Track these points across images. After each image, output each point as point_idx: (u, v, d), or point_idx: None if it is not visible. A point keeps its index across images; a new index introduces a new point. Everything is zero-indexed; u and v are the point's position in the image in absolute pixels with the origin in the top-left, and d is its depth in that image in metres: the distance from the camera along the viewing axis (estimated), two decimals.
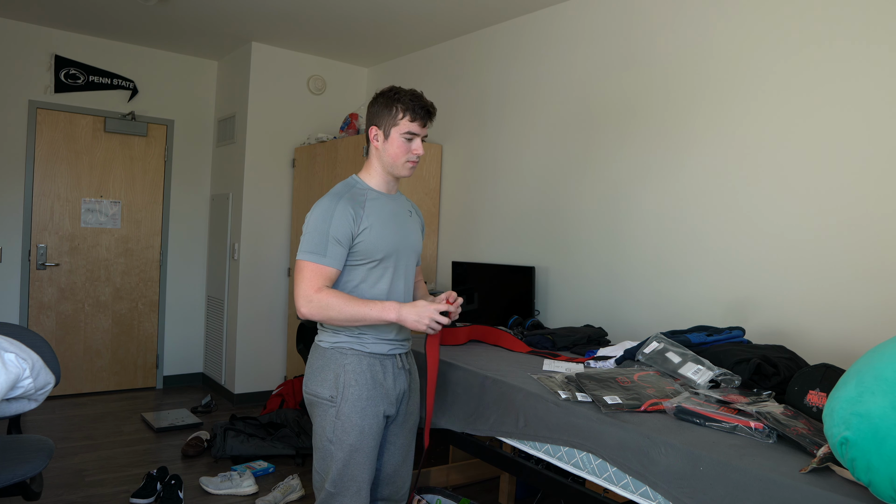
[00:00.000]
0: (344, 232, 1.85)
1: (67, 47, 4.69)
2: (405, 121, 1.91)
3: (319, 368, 1.93)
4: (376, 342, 1.94)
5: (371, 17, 4.03)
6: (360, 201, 1.91)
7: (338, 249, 1.85)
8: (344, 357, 1.91)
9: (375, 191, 1.98)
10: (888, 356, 1.27)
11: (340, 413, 1.88)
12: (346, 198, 1.89)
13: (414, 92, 1.94)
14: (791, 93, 2.53)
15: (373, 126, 1.96)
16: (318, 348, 1.97)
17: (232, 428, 3.78)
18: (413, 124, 1.91)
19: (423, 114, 1.93)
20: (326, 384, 1.90)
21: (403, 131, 1.91)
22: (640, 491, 1.64)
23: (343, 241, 1.85)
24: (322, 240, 1.84)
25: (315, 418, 1.94)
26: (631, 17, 3.17)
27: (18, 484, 2.10)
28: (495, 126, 3.93)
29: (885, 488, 1.20)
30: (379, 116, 1.94)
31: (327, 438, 1.89)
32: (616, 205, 3.19)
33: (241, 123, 4.86)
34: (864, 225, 2.30)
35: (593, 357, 2.44)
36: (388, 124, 1.92)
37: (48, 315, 4.73)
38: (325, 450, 1.90)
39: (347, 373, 1.89)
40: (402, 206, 2.05)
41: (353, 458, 1.88)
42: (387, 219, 1.95)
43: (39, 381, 1.89)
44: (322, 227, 1.85)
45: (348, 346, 1.91)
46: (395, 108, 1.91)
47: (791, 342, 2.45)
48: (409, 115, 1.91)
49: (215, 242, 5.21)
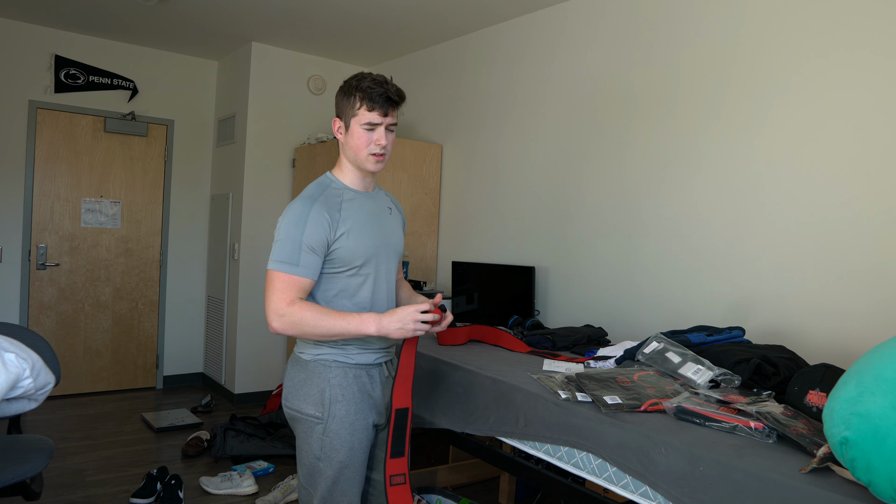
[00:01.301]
0: (318, 239, 1.72)
1: (67, 47, 4.69)
2: (363, 110, 1.75)
3: (301, 382, 1.81)
4: (361, 352, 1.83)
5: (371, 17, 4.03)
6: (336, 203, 1.78)
7: (312, 258, 1.71)
8: (328, 370, 1.79)
9: (352, 190, 1.84)
10: (888, 356, 1.27)
11: (328, 430, 1.77)
12: (321, 201, 1.75)
13: (377, 77, 1.77)
14: (796, 95, 2.53)
15: (336, 119, 1.83)
16: (299, 360, 1.83)
17: (232, 428, 3.78)
18: (372, 114, 1.75)
19: (383, 101, 1.74)
20: (310, 400, 1.78)
21: (363, 122, 1.76)
22: (640, 491, 1.64)
23: (318, 249, 1.72)
24: (294, 248, 1.70)
25: (299, 434, 1.83)
26: (634, 16, 3.16)
27: (18, 484, 2.10)
28: (495, 126, 3.93)
29: (885, 488, 1.20)
30: (340, 106, 1.81)
31: (315, 456, 1.79)
32: (616, 205, 3.19)
33: (241, 123, 4.86)
34: (864, 225, 2.30)
35: (593, 357, 2.44)
36: (349, 115, 1.78)
37: (48, 315, 4.73)
38: (312, 467, 1.80)
39: (333, 387, 1.78)
40: (380, 204, 1.92)
41: (343, 474, 1.79)
42: (365, 221, 1.82)
43: (39, 381, 1.89)
44: (294, 235, 1.70)
45: (332, 357, 1.80)
46: (353, 96, 1.76)
47: (791, 342, 2.45)
48: (366, 104, 1.75)
49: (215, 242, 5.21)
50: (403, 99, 1.82)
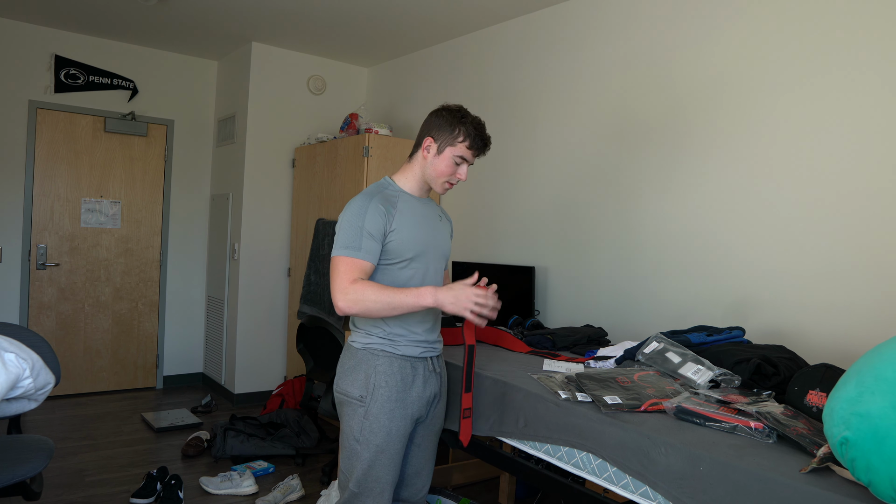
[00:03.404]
0: (377, 227, 1.87)
1: (67, 47, 4.69)
2: (463, 146, 1.95)
3: (351, 368, 1.95)
4: (408, 345, 1.96)
5: (371, 17, 4.03)
6: (393, 201, 1.94)
7: (372, 244, 1.86)
8: (375, 358, 1.93)
9: (407, 193, 2.01)
10: (888, 356, 1.27)
11: (369, 413, 1.89)
12: (379, 197, 1.92)
13: (479, 120, 1.98)
14: (794, 96, 2.53)
15: (429, 137, 1.98)
16: (350, 349, 1.99)
17: (232, 428, 3.78)
18: (469, 151, 1.96)
19: (481, 145, 1.97)
20: (357, 384, 1.92)
21: (457, 154, 1.95)
22: (640, 491, 1.64)
23: (377, 235, 1.87)
24: (356, 234, 1.85)
25: (343, 417, 1.96)
26: (639, 17, 3.16)
27: (18, 484, 2.10)
28: (497, 127, 3.93)
29: (885, 488, 1.20)
30: (439, 130, 1.96)
31: (354, 438, 1.91)
32: (616, 205, 3.19)
33: (241, 123, 4.86)
34: (865, 225, 2.30)
35: (593, 357, 2.44)
36: (446, 142, 1.95)
37: (48, 315, 4.73)
38: (351, 449, 1.92)
39: (378, 374, 1.91)
40: (432, 210, 2.08)
41: (379, 459, 1.90)
42: (418, 220, 1.98)
43: (39, 381, 1.89)
44: (356, 223, 1.86)
45: (380, 347, 1.93)
46: (458, 129, 1.94)
47: (791, 342, 2.45)
48: (468, 142, 1.95)
49: (215, 242, 5.21)
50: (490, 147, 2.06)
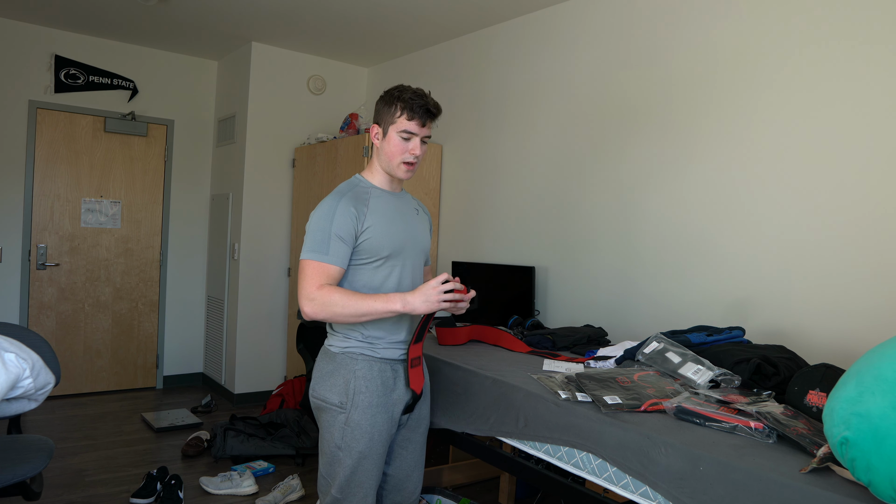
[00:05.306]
0: (347, 229, 1.82)
1: (67, 47, 4.69)
2: (402, 119, 1.87)
3: (329, 373, 1.90)
4: (388, 347, 1.91)
5: (371, 17, 4.03)
6: (364, 199, 1.88)
7: (341, 247, 1.81)
8: (354, 362, 1.88)
9: (379, 189, 1.95)
10: (888, 356, 1.27)
11: (350, 420, 1.85)
12: (349, 196, 1.87)
13: (417, 90, 1.90)
14: (793, 94, 2.53)
15: (374, 124, 1.94)
16: (328, 353, 1.94)
17: (232, 428, 3.78)
18: (410, 123, 1.87)
19: (422, 112, 1.87)
20: (336, 389, 1.87)
21: (400, 129, 1.87)
22: (640, 491, 1.64)
23: (346, 238, 1.82)
24: (324, 238, 1.80)
25: (322, 423, 1.91)
26: (632, 18, 3.16)
27: (18, 484, 2.10)
28: (495, 126, 3.93)
29: (885, 488, 1.20)
30: (380, 113, 1.93)
31: (335, 444, 1.86)
32: (616, 205, 3.19)
33: (241, 123, 4.86)
34: (865, 225, 2.30)
35: (593, 357, 2.44)
36: (387, 122, 1.90)
37: (48, 315, 4.73)
38: (332, 455, 1.87)
39: (358, 379, 1.86)
40: (407, 203, 2.03)
41: (362, 464, 1.86)
42: (392, 216, 1.92)
43: (39, 381, 1.89)
44: (324, 225, 1.81)
45: (359, 351, 1.89)
46: (394, 105, 1.88)
47: (791, 342, 2.45)
48: (406, 114, 1.87)
49: (215, 242, 5.21)
50: (440, 112, 1.93)
